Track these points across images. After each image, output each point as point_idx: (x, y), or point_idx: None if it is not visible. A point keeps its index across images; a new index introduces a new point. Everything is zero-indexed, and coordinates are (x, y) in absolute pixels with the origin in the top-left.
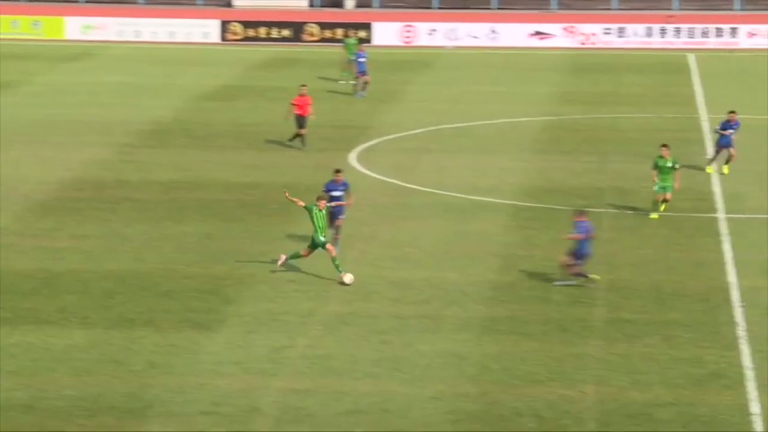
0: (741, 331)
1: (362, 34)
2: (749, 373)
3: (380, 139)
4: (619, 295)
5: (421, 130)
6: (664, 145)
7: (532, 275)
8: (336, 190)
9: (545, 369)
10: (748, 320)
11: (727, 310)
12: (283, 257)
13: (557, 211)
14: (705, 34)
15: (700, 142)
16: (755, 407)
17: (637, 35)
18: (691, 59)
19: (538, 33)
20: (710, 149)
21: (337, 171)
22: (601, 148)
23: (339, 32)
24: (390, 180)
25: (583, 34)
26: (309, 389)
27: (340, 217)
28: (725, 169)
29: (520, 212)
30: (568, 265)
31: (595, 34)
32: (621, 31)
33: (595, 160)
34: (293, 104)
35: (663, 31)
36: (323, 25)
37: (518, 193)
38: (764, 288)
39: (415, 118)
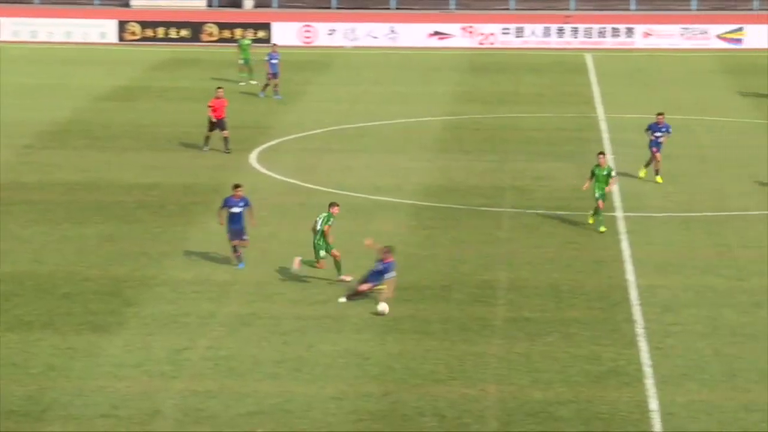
0: (639, 328)
1: (261, 34)
2: (647, 370)
3: (280, 140)
4: (519, 294)
5: (322, 130)
6: (601, 153)
7: (433, 274)
8: (236, 206)
9: (447, 368)
10: (645, 318)
11: (626, 307)
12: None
13: (459, 210)
14: (602, 34)
15: (598, 141)
16: (653, 404)
17: (535, 35)
18: (589, 59)
19: (437, 33)
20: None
21: (237, 186)
22: (501, 148)
23: (238, 32)
24: (290, 180)
25: (481, 34)
26: (210, 391)
27: (244, 237)
28: (643, 173)
29: (421, 212)
30: (360, 290)
31: (494, 34)
32: (519, 31)
33: (496, 159)
34: (210, 106)
35: (560, 31)
36: (222, 25)
37: (420, 192)
38: (662, 286)
39: (316, 118)
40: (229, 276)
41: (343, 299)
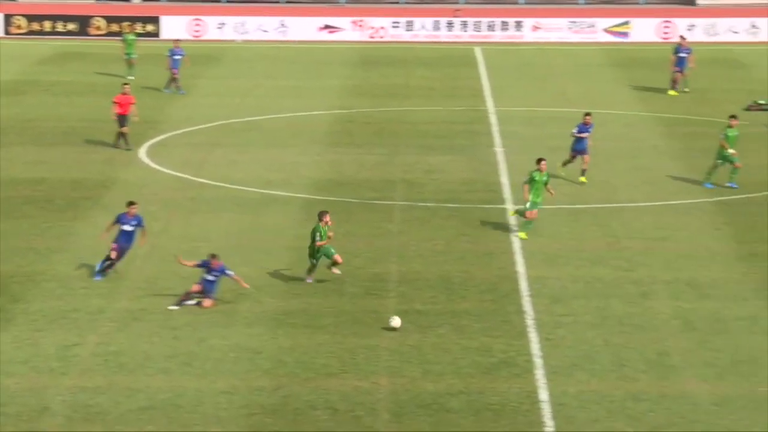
0: (529, 319)
1: (150, 28)
2: (538, 361)
3: (170, 134)
4: (411, 287)
5: (212, 124)
6: (542, 159)
7: (325, 268)
8: (128, 223)
9: (339, 361)
10: (535, 309)
11: (516, 299)
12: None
13: (350, 204)
14: (491, 27)
15: (488, 134)
16: (544, 394)
17: (425, 29)
18: (478, 52)
19: (327, 27)
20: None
21: (131, 203)
22: (391, 141)
23: (126, 26)
24: (180, 174)
25: (372, 27)
26: (100, 387)
27: (121, 258)
28: (582, 179)
29: (312, 205)
30: (189, 293)
31: (384, 27)
32: (409, 25)
33: (386, 152)
34: (115, 102)
35: (450, 25)
36: (110, 19)
37: (310, 186)
38: (551, 277)
39: (206, 113)
40: (119, 271)
41: (174, 306)
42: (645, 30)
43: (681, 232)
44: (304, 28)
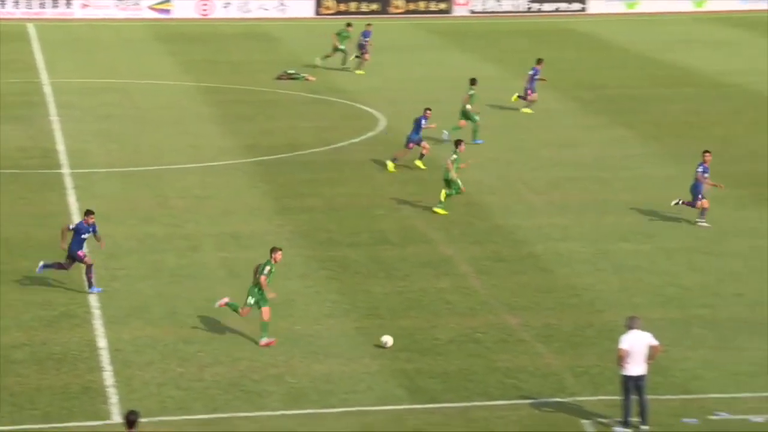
0: None
1: None
2: (96, 312)
3: None
4: None
5: None
6: (461, 141)
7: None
8: (86, 232)
9: None
10: (94, 265)
11: None
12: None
13: None
14: (42, 5)
15: (44, 104)
16: (102, 342)
17: None
18: (31, 28)
19: None
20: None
21: (89, 212)
22: None
23: None
24: None
25: None
26: None
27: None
28: (421, 164)
29: None
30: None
31: None
32: None
33: None
34: None
35: (3, 3)
36: None
37: None
38: (107, 235)
39: None
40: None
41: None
42: (185, 8)
43: (224, 191)
44: None
